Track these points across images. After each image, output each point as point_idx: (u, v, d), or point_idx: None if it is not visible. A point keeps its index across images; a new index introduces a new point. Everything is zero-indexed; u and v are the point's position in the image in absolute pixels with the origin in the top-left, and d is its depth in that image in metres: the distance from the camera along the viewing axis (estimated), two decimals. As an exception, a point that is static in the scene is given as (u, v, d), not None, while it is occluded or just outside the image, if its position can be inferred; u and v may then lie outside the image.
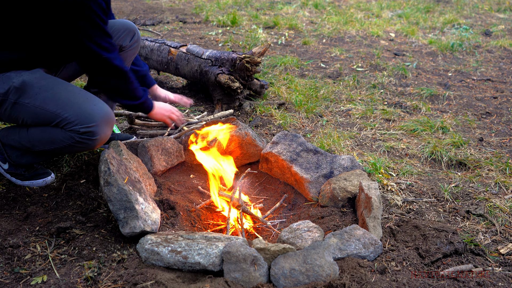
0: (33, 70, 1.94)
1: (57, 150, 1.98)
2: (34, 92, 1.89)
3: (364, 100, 3.62)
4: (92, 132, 1.89)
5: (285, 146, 2.49)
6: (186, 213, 2.14)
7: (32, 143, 2.00)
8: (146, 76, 2.54)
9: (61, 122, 1.89)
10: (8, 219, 1.92)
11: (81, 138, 1.89)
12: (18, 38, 1.89)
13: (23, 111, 1.92)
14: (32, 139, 1.98)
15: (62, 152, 2.03)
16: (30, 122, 1.95)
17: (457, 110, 3.50)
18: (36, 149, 2.02)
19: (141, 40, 2.50)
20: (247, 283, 1.59)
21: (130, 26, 2.35)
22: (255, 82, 3.42)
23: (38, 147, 2.00)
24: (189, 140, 2.46)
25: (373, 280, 1.63)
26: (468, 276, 1.71)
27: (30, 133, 1.98)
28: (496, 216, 2.16)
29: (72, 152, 2.07)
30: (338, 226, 2.02)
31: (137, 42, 2.39)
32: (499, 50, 5.22)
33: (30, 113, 1.91)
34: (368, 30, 5.85)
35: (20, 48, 1.92)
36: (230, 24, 5.79)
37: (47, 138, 1.95)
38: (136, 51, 2.42)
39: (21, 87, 1.88)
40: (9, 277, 1.61)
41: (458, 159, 2.70)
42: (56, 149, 1.97)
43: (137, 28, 2.39)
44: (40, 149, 2.00)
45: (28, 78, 1.90)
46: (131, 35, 2.34)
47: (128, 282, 1.57)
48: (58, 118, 1.88)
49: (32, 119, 1.93)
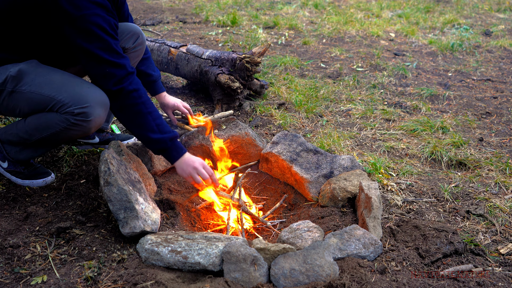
0: (28, 61, 1.96)
1: (53, 136, 1.97)
2: (30, 79, 1.91)
3: (364, 100, 3.62)
4: (86, 113, 1.87)
5: (285, 146, 2.49)
6: (186, 213, 2.14)
7: (29, 133, 2.00)
8: (155, 82, 2.48)
9: (55, 105, 1.89)
10: (8, 219, 1.92)
11: (75, 119, 1.89)
12: (19, 45, 1.93)
13: (20, 98, 1.93)
14: (29, 128, 1.99)
15: (59, 137, 1.99)
16: (27, 109, 1.96)
17: (457, 110, 3.50)
18: (33, 139, 2.01)
19: (146, 43, 2.44)
20: (247, 283, 1.59)
21: (135, 29, 2.33)
22: (255, 82, 3.43)
23: (35, 136, 2.00)
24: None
25: (373, 280, 1.63)
26: (468, 276, 1.71)
27: (27, 122, 1.99)
28: (496, 216, 2.16)
29: (70, 138, 2.03)
30: (338, 226, 2.02)
31: (141, 44, 2.35)
32: (499, 50, 5.22)
33: (27, 100, 1.92)
34: (368, 30, 5.85)
35: (21, 53, 1.95)
36: (230, 24, 5.79)
37: (43, 123, 1.95)
38: (140, 53, 2.39)
39: (18, 75, 1.91)
40: (9, 277, 1.61)
41: (458, 159, 2.70)
42: (53, 134, 1.95)
43: (142, 31, 2.36)
44: (37, 137, 2.00)
45: (24, 67, 1.93)
46: (135, 38, 2.32)
47: (128, 282, 1.57)
48: (53, 101, 1.89)
49: (28, 106, 1.94)
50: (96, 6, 1.79)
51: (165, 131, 1.95)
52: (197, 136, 2.57)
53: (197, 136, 2.57)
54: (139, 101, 1.91)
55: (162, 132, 1.94)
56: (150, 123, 1.92)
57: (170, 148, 1.99)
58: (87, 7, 1.76)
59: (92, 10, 1.77)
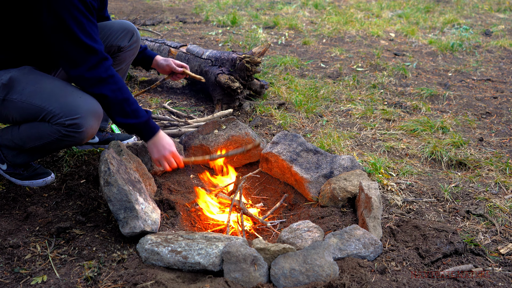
0: (21, 67, 1.93)
1: (46, 145, 1.95)
2: (21, 87, 1.88)
3: (364, 100, 3.62)
4: (78, 125, 1.85)
5: (285, 146, 2.49)
6: (186, 213, 2.14)
7: (23, 141, 1.99)
8: (145, 49, 2.48)
9: (46, 116, 1.86)
10: (8, 219, 1.92)
11: (67, 131, 1.86)
12: (5, 39, 1.89)
13: (11, 107, 1.91)
14: (23, 136, 1.97)
15: (52, 147, 1.99)
16: (19, 118, 1.94)
17: (457, 110, 3.50)
18: (27, 147, 2.00)
19: (141, 41, 2.45)
20: (247, 283, 1.59)
21: (129, 26, 2.32)
22: (255, 82, 3.42)
23: (29, 144, 1.98)
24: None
25: (373, 280, 1.63)
26: (468, 276, 1.71)
27: (21, 130, 1.97)
28: (496, 216, 2.16)
29: (62, 147, 2.02)
30: (338, 226, 2.02)
31: (137, 42, 2.36)
32: (499, 50, 5.22)
33: (18, 109, 1.90)
34: (368, 30, 5.85)
35: (9, 49, 1.91)
36: (230, 24, 5.79)
37: (35, 133, 1.93)
38: (135, 51, 2.40)
39: (9, 83, 1.88)
40: (9, 277, 1.61)
41: (458, 159, 2.70)
42: (45, 144, 1.94)
43: (136, 29, 2.36)
44: (30, 146, 1.99)
45: (15, 74, 1.89)
46: (129, 36, 2.31)
47: (128, 282, 1.57)
48: (43, 112, 1.86)
49: (20, 115, 1.92)
50: None
51: (139, 116, 1.96)
52: (197, 136, 2.57)
53: (197, 136, 2.57)
54: (115, 87, 1.88)
55: (137, 117, 1.95)
56: (125, 109, 1.92)
57: (143, 129, 2.00)
58: None
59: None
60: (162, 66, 2.48)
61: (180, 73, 2.51)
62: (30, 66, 1.96)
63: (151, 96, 3.48)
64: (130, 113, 1.93)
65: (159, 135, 2.04)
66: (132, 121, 1.95)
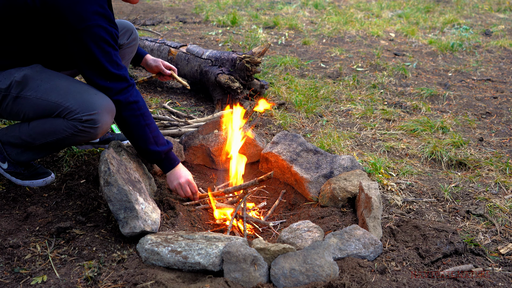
0: (32, 65, 1.97)
1: (59, 141, 1.98)
2: (36, 84, 1.92)
3: (364, 100, 3.62)
4: (94, 120, 1.89)
5: (285, 146, 2.49)
6: (186, 213, 2.14)
7: (33, 137, 2.00)
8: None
9: (63, 112, 1.90)
10: (8, 219, 1.92)
11: (83, 126, 1.90)
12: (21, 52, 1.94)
13: (25, 104, 1.93)
14: (34, 133, 1.99)
15: (64, 143, 2.02)
16: (32, 115, 1.96)
17: (457, 110, 3.50)
18: (37, 143, 2.01)
19: (139, 40, 2.50)
20: (247, 283, 1.59)
21: (128, 25, 2.41)
22: (255, 82, 3.43)
23: (40, 140, 2.00)
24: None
25: (373, 280, 1.63)
26: (468, 276, 1.71)
27: (32, 126, 1.99)
28: (496, 216, 2.16)
29: (74, 143, 2.06)
30: (338, 226, 2.02)
31: (135, 40, 2.44)
32: (499, 50, 5.22)
33: (32, 105, 1.93)
34: (368, 30, 5.85)
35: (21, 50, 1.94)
36: (230, 24, 5.79)
37: (48, 129, 1.95)
38: (134, 49, 2.46)
39: (23, 81, 1.91)
40: (9, 277, 1.61)
41: (458, 159, 2.70)
42: (59, 140, 1.97)
43: (134, 28, 2.45)
44: (41, 142, 2.00)
45: (29, 72, 1.93)
46: (128, 34, 2.39)
47: (128, 282, 1.57)
48: (60, 108, 1.90)
49: (34, 111, 1.94)
50: (99, 17, 1.81)
51: (161, 143, 2.05)
52: (197, 136, 2.57)
53: (197, 136, 2.57)
54: (138, 113, 1.97)
55: (158, 144, 2.04)
56: (148, 135, 2.01)
57: (164, 159, 2.11)
58: (90, 19, 1.78)
59: (95, 21, 1.79)
60: (151, 66, 2.57)
61: (167, 75, 2.60)
62: (40, 65, 1.99)
63: (151, 96, 3.48)
64: (151, 139, 2.02)
65: (177, 168, 2.15)
66: (153, 148, 2.03)
